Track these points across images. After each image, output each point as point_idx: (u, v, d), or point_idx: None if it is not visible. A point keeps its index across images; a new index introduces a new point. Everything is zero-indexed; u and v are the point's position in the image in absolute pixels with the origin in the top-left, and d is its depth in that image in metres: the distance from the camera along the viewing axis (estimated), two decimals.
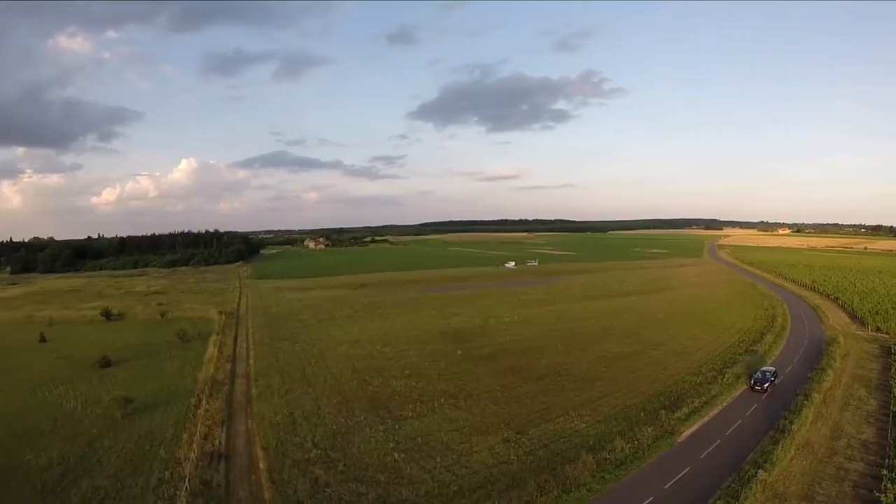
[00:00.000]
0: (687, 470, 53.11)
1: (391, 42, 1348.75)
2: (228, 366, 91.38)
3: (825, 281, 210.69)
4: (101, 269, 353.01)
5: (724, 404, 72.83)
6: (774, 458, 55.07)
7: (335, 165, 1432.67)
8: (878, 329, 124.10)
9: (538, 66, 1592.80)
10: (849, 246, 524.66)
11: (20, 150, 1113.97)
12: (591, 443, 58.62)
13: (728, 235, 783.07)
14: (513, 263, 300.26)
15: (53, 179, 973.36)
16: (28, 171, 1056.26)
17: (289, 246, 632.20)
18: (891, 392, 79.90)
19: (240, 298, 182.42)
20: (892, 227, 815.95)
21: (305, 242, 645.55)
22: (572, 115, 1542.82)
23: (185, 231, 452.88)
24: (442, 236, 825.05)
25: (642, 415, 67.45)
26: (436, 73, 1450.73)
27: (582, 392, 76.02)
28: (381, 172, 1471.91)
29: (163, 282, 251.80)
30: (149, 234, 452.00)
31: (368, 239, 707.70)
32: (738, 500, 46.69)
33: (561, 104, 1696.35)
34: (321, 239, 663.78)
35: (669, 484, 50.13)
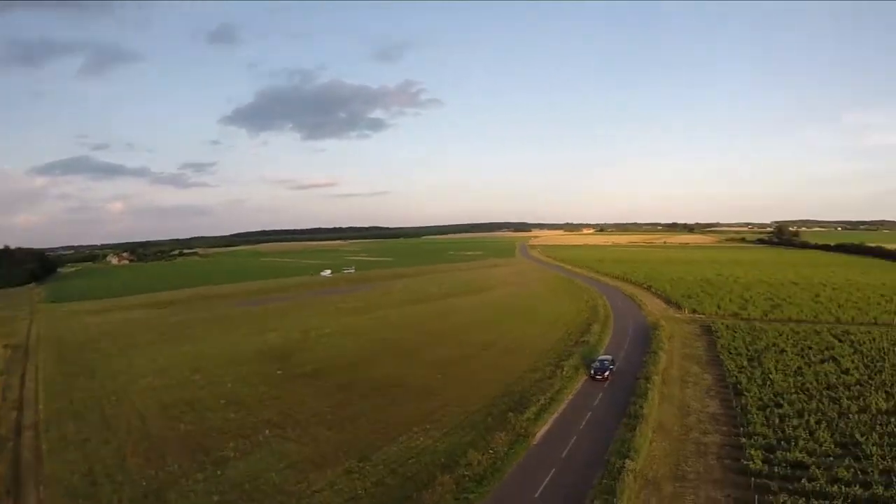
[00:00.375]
0: (552, 473, 51.89)
1: (211, 41, 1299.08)
2: (13, 415, 78.26)
3: (635, 272, 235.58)
4: None
5: (570, 397, 74.10)
6: (636, 445, 55.44)
7: (142, 172, 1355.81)
8: (694, 311, 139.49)
9: (358, 74, 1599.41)
10: (650, 241, 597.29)
11: None
12: (443, 460, 55.47)
13: (537, 236, 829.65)
14: (329, 272, 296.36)
15: None
16: None
17: (90, 263, 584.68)
18: (722, 365, 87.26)
19: (30, 328, 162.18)
20: (685, 223, 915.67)
21: (108, 258, 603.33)
22: (389, 123, 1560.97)
23: None
24: (254, 247, 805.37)
25: (490, 420, 66.10)
26: (254, 77, 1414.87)
27: (421, 403, 73.44)
28: (191, 180, 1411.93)
29: None
30: None
31: (176, 252, 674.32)
32: (615, 496, 45.30)
33: (378, 113, 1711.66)
34: (125, 254, 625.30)
35: (539, 492, 48.39)
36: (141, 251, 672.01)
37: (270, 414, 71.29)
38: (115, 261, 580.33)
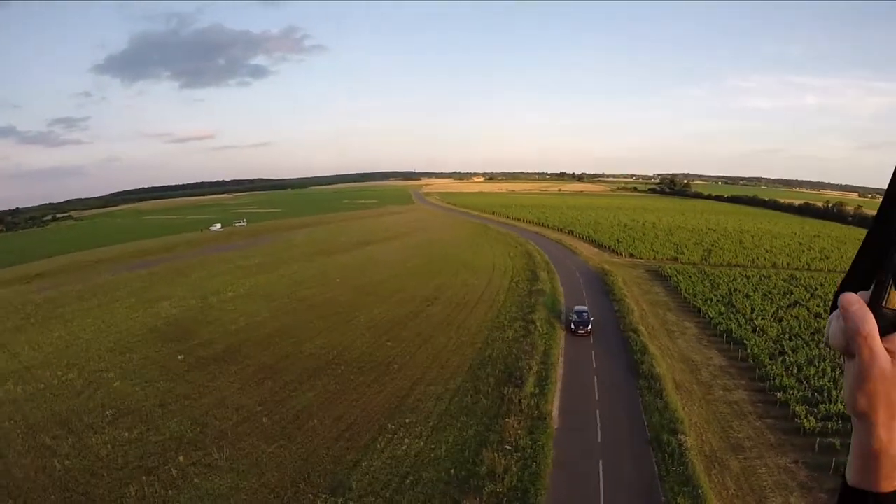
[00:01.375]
0: (602, 467, 39.73)
1: None
2: None
3: (548, 218, 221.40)
4: None
5: (561, 360, 61.40)
6: (677, 415, 46.57)
7: (7, 132, 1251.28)
8: (631, 255, 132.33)
9: (239, 18, 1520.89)
10: (544, 189, 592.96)
11: None
12: (452, 471, 40.22)
13: (429, 184, 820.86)
14: (219, 226, 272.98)
15: None
16: None
17: None
18: (700, 313, 79.81)
19: None
20: (573, 173, 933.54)
21: None
22: (271, 70, 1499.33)
23: None
24: (134, 205, 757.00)
25: (484, 400, 51.71)
26: (127, 20, 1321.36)
27: (383, 385, 57.06)
28: (62, 138, 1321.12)
29: None
30: None
31: (49, 217, 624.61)
32: (695, 486, 36.34)
33: (260, 59, 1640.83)
34: None
35: (602, 497, 36.31)
36: (10, 219, 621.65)
37: (180, 426, 51.44)
38: None
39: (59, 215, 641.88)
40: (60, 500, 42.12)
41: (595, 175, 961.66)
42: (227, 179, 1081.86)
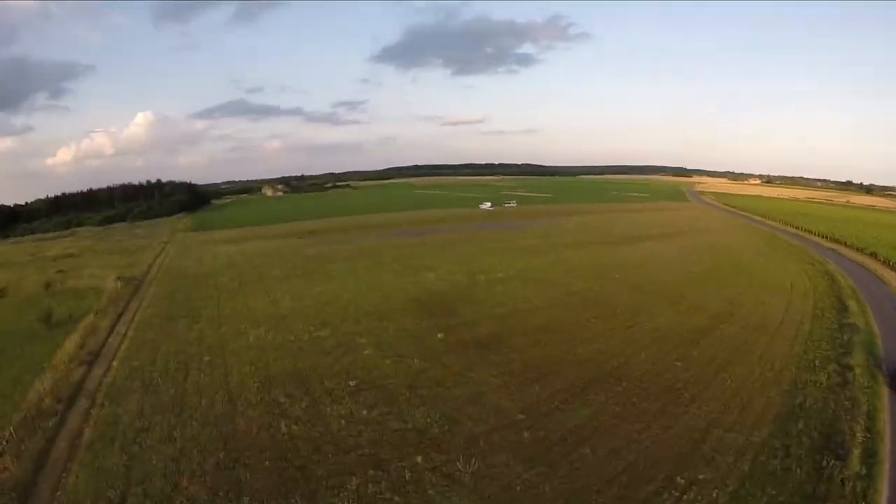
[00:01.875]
0: None
1: None
2: (79, 372, 54.94)
3: (842, 233, 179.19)
4: (32, 233, 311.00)
5: (888, 429, 42.21)
6: None
7: (296, 112, 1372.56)
8: None
9: (503, 7, 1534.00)
10: (829, 199, 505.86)
11: None
12: None
13: (701, 182, 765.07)
14: (489, 204, 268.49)
15: (5, 143, 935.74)
16: None
17: (245, 195, 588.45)
18: None
19: (157, 258, 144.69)
20: (861, 183, 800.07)
21: (263, 190, 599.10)
22: (538, 59, 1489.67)
23: (124, 184, 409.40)
24: (407, 180, 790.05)
25: (797, 471, 35.44)
26: (398, 14, 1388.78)
27: (673, 419, 42.01)
28: (344, 118, 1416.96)
29: (85, 242, 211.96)
30: (85, 190, 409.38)
31: (329, 185, 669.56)
32: None
33: (526, 48, 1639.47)
34: (279, 186, 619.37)
35: None
36: (295, 183, 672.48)
37: (427, 417, 41.63)
38: (269, 192, 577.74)
39: (338, 183, 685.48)
40: (273, 468, 34.76)
41: (887, 188, 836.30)
42: (496, 163, 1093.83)
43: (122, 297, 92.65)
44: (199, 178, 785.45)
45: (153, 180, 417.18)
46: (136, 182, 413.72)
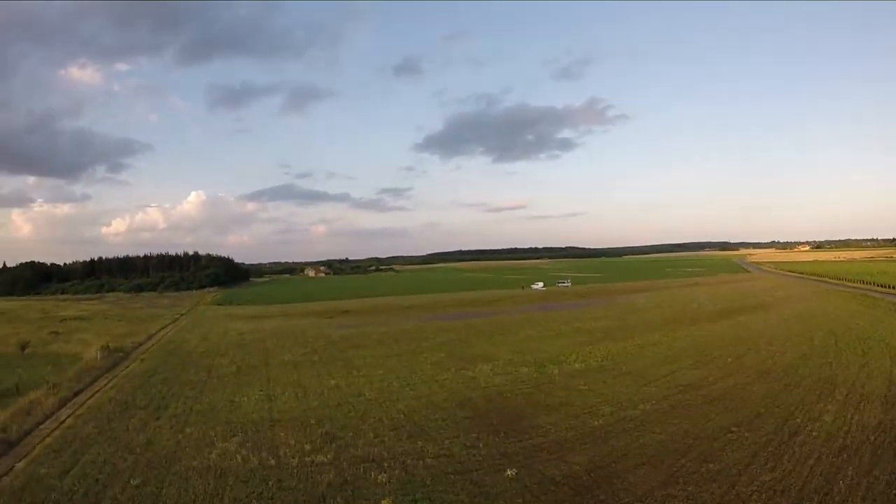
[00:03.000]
0: None
1: (397, 73, 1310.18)
2: None
3: None
4: (62, 293, 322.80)
5: None
6: None
7: (343, 198, 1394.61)
8: None
9: (542, 95, 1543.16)
10: (889, 256, 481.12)
11: (31, 179, 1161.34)
12: None
13: (751, 254, 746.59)
14: (541, 284, 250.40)
15: (64, 209, 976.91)
16: (39, 200, 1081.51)
17: (287, 275, 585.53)
18: None
19: (163, 329, 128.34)
20: None
21: (305, 271, 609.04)
22: (577, 143, 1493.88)
23: (161, 253, 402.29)
24: (452, 264, 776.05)
25: None
26: (441, 104, 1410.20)
27: None
28: (389, 205, 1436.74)
29: (102, 306, 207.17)
30: (121, 256, 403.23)
31: (373, 268, 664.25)
32: None
33: (566, 132, 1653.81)
34: (322, 267, 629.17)
35: None
36: (338, 265, 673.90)
37: None
38: (311, 273, 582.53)
39: (382, 267, 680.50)
40: None
41: None
42: (540, 247, 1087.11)
43: (94, 371, 77.83)
44: (247, 258, 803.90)
45: (191, 252, 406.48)
46: (173, 253, 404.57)
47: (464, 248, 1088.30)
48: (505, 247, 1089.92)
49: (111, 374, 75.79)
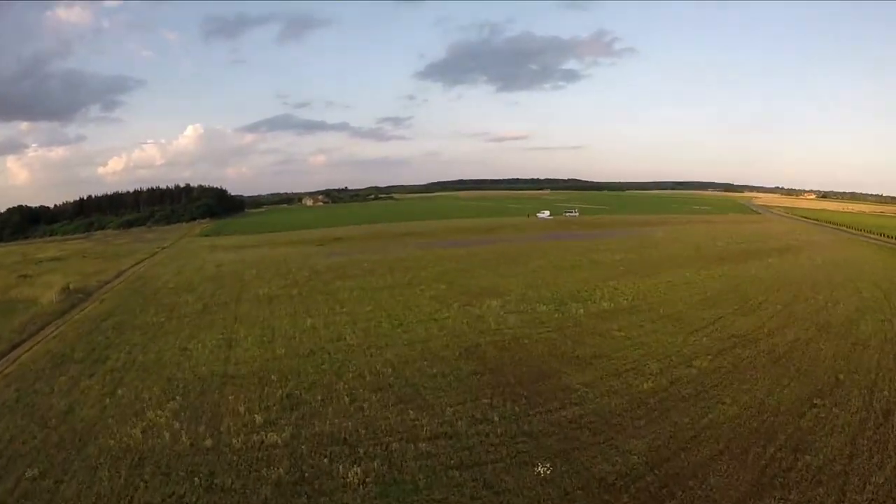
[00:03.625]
0: None
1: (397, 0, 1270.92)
2: None
3: None
4: (51, 235, 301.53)
5: None
6: None
7: (342, 128, 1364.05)
8: None
9: (547, 24, 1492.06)
10: None
11: (24, 124, 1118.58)
12: None
13: (756, 197, 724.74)
14: (547, 213, 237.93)
15: (59, 152, 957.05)
16: (33, 144, 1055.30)
17: (284, 205, 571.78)
18: None
19: (137, 264, 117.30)
20: None
21: (303, 201, 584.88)
22: (583, 74, 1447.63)
23: (151, 188, 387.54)
24: (452, 193, 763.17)
25: None
26: (443, 32, 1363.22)
27: None
28: (389, 134, 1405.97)
29: (84, 245, 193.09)
30: (110, 193, 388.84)
31: (371, 196, 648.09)
32: None
33: (571, 64, 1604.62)
34: (320, 197, 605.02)
35: None
36: (336, 194, 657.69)
37: None
38: (309, 202, 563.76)
39: (381, 196, 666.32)
40: None
41: None
42: (542, 178, 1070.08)
43: (44, 317, 67.77)
44: (246, 189, 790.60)
45: (182, 185, 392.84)
46: (164, 186, 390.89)
47: (464, 178, 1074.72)
48: (506, 177, 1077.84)
49: (62, 321, 65.12)
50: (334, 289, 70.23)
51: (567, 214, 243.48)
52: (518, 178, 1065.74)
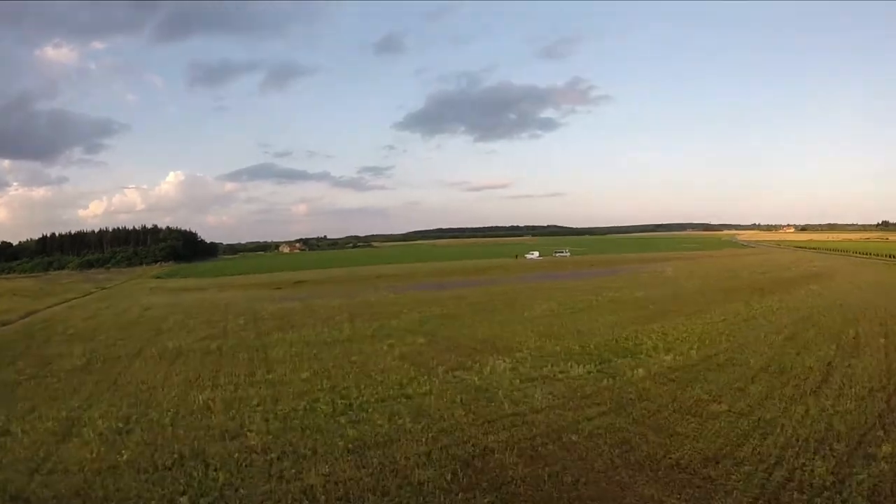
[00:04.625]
0: None
1: (378, 51, 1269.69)
2: None
3: None
4: (9, 272, 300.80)
5: None
6: None
7: (323, 177, 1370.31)
8: None
9: (524, 74, 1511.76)
10: (884, 237, 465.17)
11: (6, 162, 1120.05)
12: None
13: (739, 234, 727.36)
14: (536, 254, 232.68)
15: (40, 192, 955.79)
16: (14, 183, 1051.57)
17: (261, 252, 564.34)
18: None
19: (57, 305, 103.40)
20: None
21: (280, 248, 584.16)
22: (560, 122, 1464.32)
23: (116, 228, 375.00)
24: (431, 241, 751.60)
25: None
26: (423, 83, 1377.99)
27: None
28: (369, 183, 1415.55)
29: (28, 283, 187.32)
30: (74, 232, 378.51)
31: (350, 245, 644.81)
32: None
33: (548, 112, 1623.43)
34: (297, 244, 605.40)
35: None
36: (314, 242, 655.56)
37: None
38: (286, 249, 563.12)
39: (359, 244, 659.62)
40: None
41: None
42: (521, 225, 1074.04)
43: None
44: (227, 237, 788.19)
45: (149, 226, 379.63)
46: (129, 227, 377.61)
47: (444, 227, 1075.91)
48: (486, 225, 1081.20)
49: None
50: (269, 342, 50.78)
51: (557, 255, 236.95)
52: (498, 226, 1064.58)
